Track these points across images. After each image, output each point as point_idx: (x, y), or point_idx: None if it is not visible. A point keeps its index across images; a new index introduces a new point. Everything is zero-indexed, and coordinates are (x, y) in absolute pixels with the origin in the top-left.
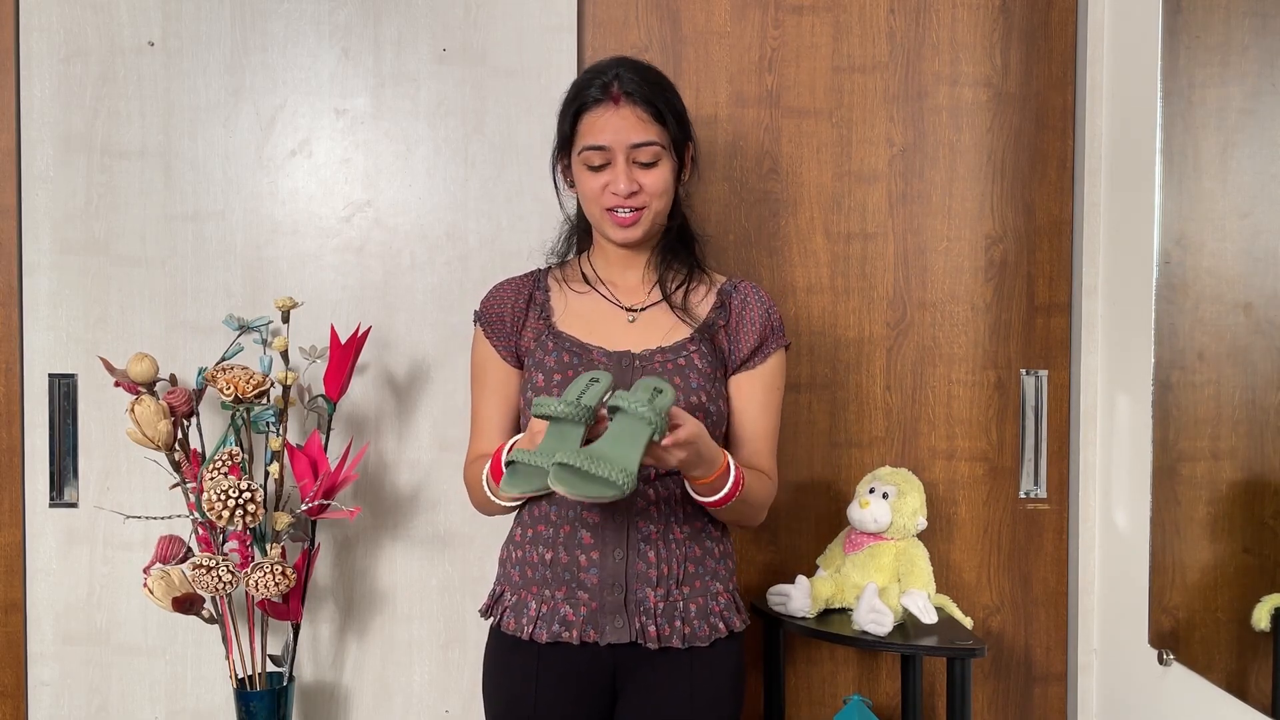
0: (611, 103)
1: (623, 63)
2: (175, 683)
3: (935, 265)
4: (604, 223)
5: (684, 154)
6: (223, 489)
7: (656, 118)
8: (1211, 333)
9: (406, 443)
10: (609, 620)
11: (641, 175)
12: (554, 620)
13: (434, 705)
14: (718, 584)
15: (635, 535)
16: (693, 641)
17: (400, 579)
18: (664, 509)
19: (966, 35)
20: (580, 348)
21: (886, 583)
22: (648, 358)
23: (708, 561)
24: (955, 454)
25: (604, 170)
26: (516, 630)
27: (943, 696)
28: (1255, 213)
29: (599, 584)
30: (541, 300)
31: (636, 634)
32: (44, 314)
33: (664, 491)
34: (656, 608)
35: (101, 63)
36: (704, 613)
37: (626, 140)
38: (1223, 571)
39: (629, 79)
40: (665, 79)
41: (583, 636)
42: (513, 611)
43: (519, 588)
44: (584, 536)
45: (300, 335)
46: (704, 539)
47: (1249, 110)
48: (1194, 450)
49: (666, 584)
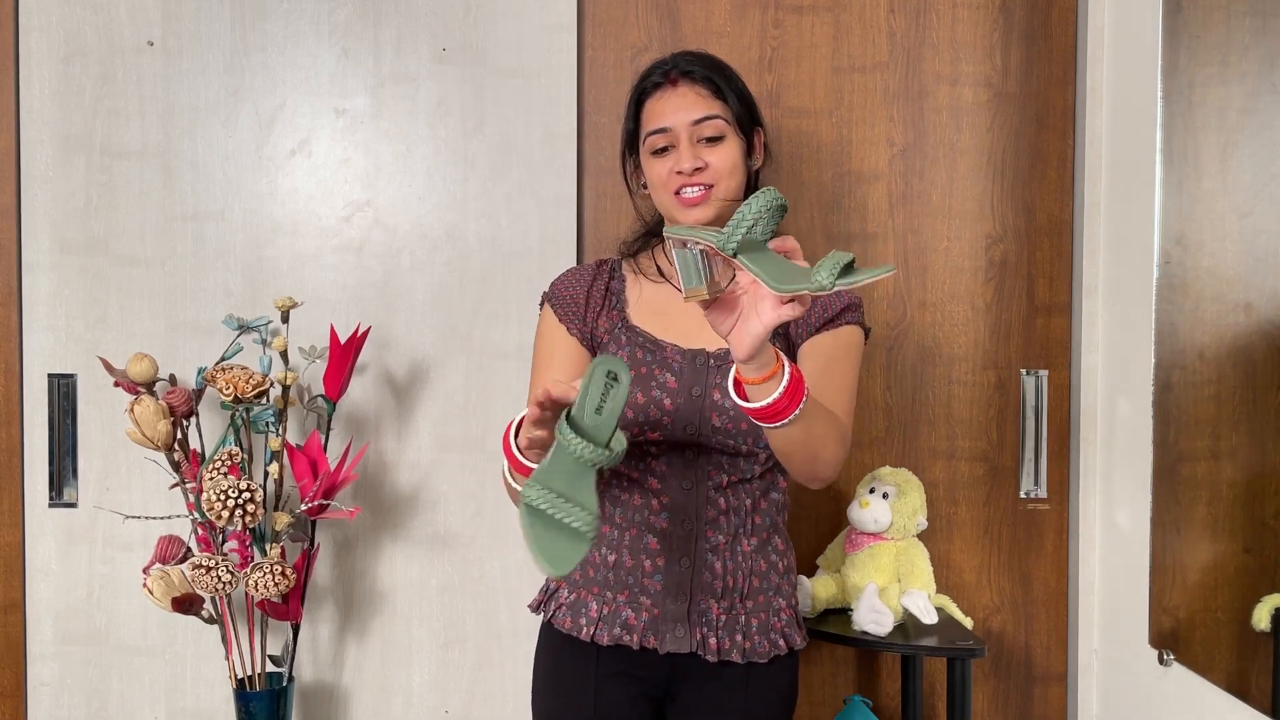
0: (670, 85)
1: (683, 52)
2: (175, 683)
3: (935, 265)
4: (675, 209)
5: (753, 137)
6: (222, 489)
7: (717, 94)
8: (1212, 333)
9: (406, 443)
10: (670, 629)
11: (706, 152)
12: (615, 623)
13: (434, 705)
14: (780, 599)
15: (703, 545)
16: (752, 657)
17: (400, 579)
18: (733, 519)
19: (966, 35)
20: (654, 344)
21: (887, 583)
22: (722, 357)
23: (772, 576)
24: (955, 454)
25: (669, 154)
26: (574, 630)
27: (943, 697)
28: (1255, 212)
29: (662, 591)
30: (617, 289)
31: (697, 645)
32: (43, 314)
33: (734, 501)
34: (719, 620)
35: (101, 63)
36: (765, 628)
37: (687, 118)
38: (1223, 572)
39: (686, 61)
40: (726, 64)
41: (643, 642)
42: (569, 610)
43: (578, 586)
44: (650, 542)
45: (300, 335)
46: (769, 552)
47: (1249, 110)
48: (1194, 450)
49: (730, 596)
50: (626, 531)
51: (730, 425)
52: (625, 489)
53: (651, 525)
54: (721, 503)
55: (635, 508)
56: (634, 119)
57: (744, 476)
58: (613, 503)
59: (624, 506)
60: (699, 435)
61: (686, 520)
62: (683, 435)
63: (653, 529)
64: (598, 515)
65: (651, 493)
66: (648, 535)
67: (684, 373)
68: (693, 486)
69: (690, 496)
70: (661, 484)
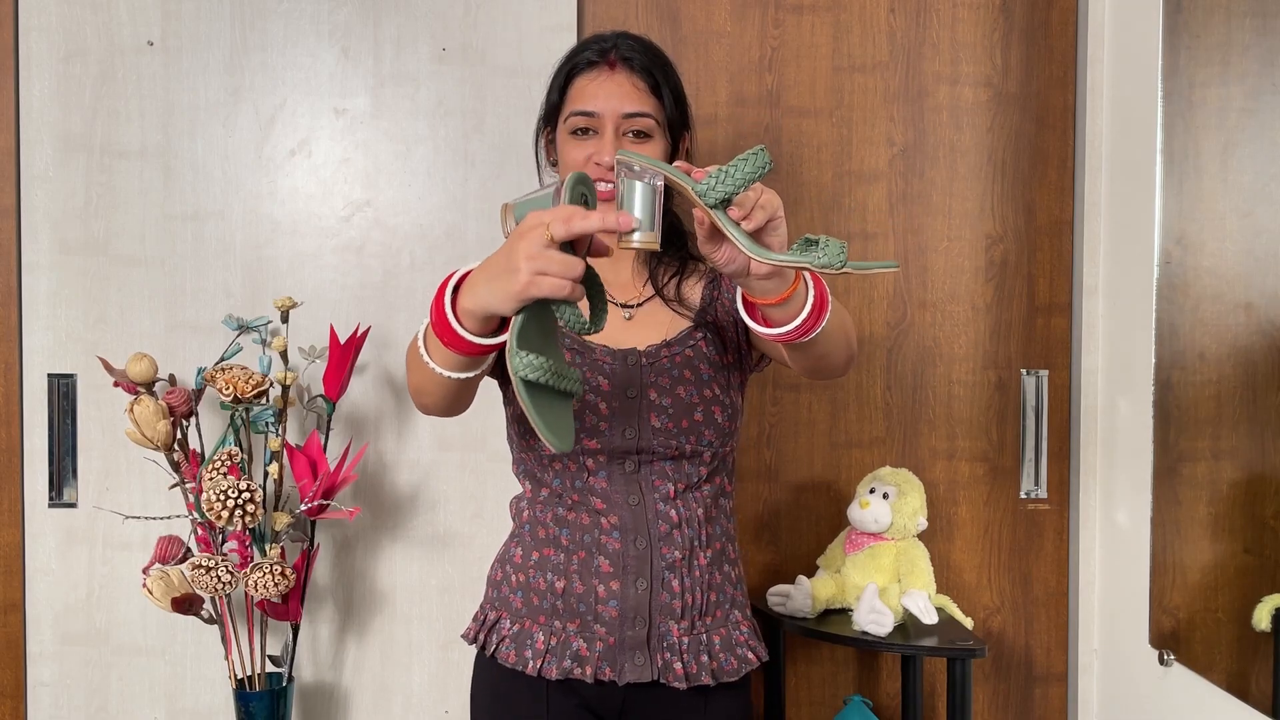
0: (607, 67)
1: (625, 33)
2: (175, 683)
3: (935, 265)
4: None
5: (679, 142)
6: (222, 489)
7: (653, 90)
8: (1212, 333)
9: (406, 443)
10: (628, 658)
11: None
12: (565, 655)
13: (433, 706)
14: (737, 612)
15: (659, 563)
16: (722, 677)
17: (400, 579)
18: (686, 532)
19: (967, 35)
20: (581, 347)
21: (887, 583)
22: (654, 354)
23: (727, 589)
24: (955, 454)
25: (589, 138)
26: (519, 664)
27: (943, 697)
28: (1255, 213)
29: (619, 618)
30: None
31: (659, 672)
32: (43, 314)
33: (685, 512)
34: (680, 642)
35: (101, 63)
36: (729, 644)
37: (619, 108)
38: (1223, 572)
39: (628, 46)
40: (668, 58)
41: (598, 674)
42: (513, 642)
43: (521, 616)
44: (602, 564)
45: (299, 335)
46: (723, 563)
47: (1249, 110)
48: (1194, 450)
49: (690, 615)
50: (574, 555)
51: (671, 424)
52: (570, 508)
53: (602, 546)
54: (673, 515)
55: (584, 528)
56: (559, 92)
57: (690, 482)
58: (558, 524)
59: (570, 527)
60: (638, 438)
61: (639, 538)
62: (621, 441)
63: (603, 550)
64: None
65: (598, 512)
66: (598, 557)
67: (616, 373)
68: (640, 500)
69: (639, 512)
70: (606, 502)
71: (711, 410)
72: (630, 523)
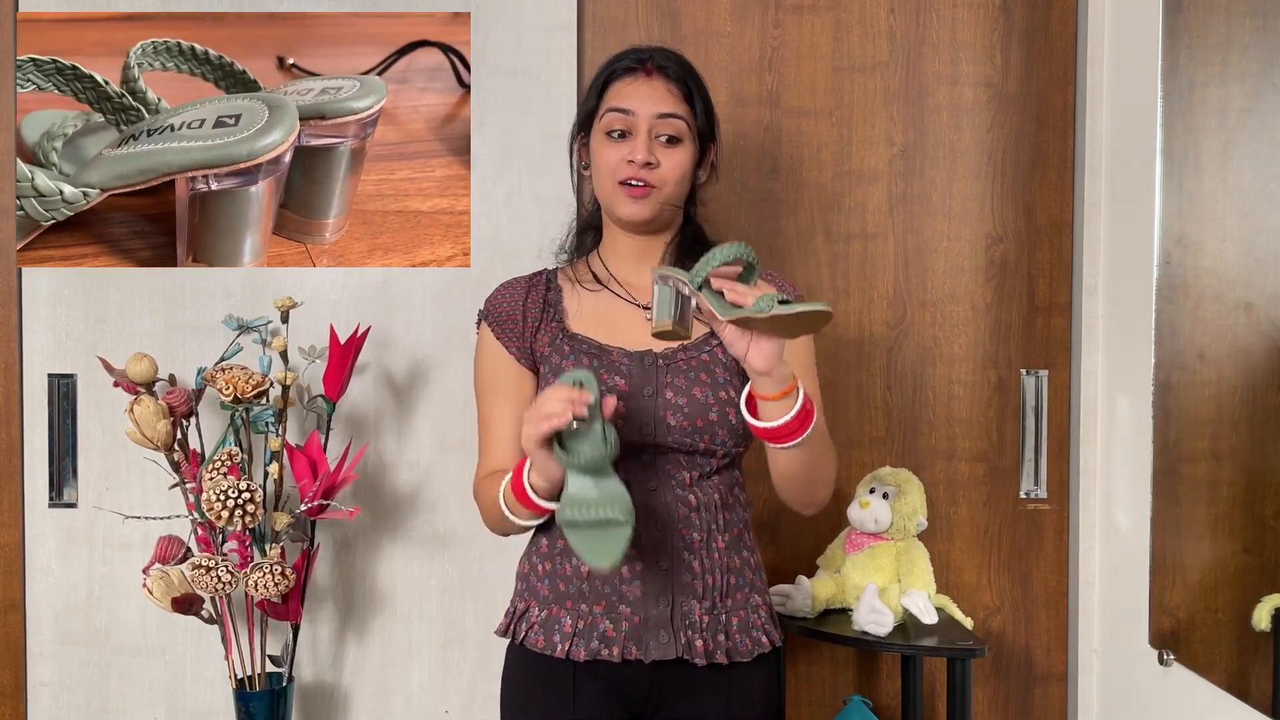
0: (644, 74)
1: (662, 48)
2: (175, 683)
3: (935, 265)
4: (615, 197)
5: (706, 151)
6: (222, 489)
7: (686, 97)
8: (1212, 333)
9: (406, 443)
10: (653, 635)
11: (662, 152)
12: (592, 636)
13: (433, 706)
14: (756, 596)
15: (679, 544)
16: (735, 657)
17: (400, 579)
18: (704, 516)
19: (967, 35)
20: (599, 350)
21: (887, 583)
22: (670, 356)
23: (745, 573)
24: (955, 454)
25: (624, 141)
26: (547, 648)
27: (943, 697)
28: (1255, 213)
29: (642, 597)
30: (554, 300)
31: (683, 649)
32: (43, 314)
33: (702, 497)
34: (701, 621)
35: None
36: (745, 626)
37: (654, 109)
38: (1223, 572)
39: (664, 56)
40: (698, 72)
41: (625, 654)
42: (541, 628)
43: (548, 602)
44: None
45: (299, 335)
46: (741, 549)
47: (1249, 110)
48: (1194, 450)
49: (711, 596)
50: None
51: (686, 423)
52: None
53: None
54: (691, 499)
55: None
56: (597, 97)
57: (704, 471)
58: None
59: None
60: (655, 436)
61: (659, 521)
62: (637, 437)
63: None
64: (628, 498)
65: None
66: None
67: (633, 374)
68: (658, 487)
69: (658, 497)
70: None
71: (726, 412)
72: (650, 507)
